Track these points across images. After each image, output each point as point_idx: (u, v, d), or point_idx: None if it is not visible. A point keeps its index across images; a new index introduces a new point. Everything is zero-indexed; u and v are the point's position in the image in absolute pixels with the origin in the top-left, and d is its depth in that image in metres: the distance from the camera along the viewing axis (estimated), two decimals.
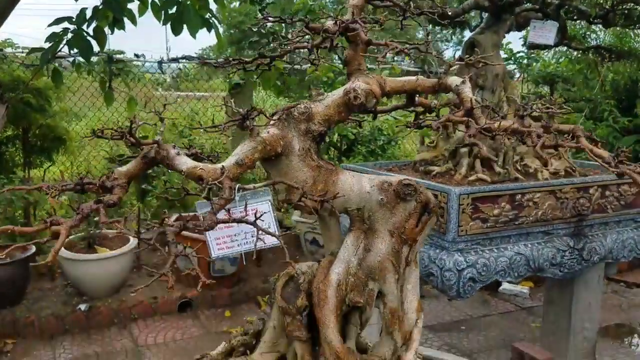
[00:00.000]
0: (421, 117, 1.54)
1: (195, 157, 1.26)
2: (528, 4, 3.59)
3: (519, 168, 3.21)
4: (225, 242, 1.41)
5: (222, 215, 1.11)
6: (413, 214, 1.34)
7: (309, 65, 1.57)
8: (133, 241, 4.40)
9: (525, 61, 6.59)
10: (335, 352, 1.27)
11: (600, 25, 4.63)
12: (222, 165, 1.12)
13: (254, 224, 1.04)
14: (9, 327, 3.77)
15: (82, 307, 4.09)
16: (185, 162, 1.16)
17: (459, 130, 3.34)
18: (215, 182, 1.10)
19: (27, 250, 4.06)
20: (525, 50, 6.32)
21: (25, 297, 4.10)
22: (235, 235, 1.32)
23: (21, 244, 1.39)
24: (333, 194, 1.34)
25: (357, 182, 1.36)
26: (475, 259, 2.85)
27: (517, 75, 6.74)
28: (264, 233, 1.08)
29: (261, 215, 1.10)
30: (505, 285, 4.92)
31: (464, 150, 3.28)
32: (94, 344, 3.82)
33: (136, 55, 5.60)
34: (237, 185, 1.09)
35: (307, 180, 1.31)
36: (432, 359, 1.70)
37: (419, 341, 1.39)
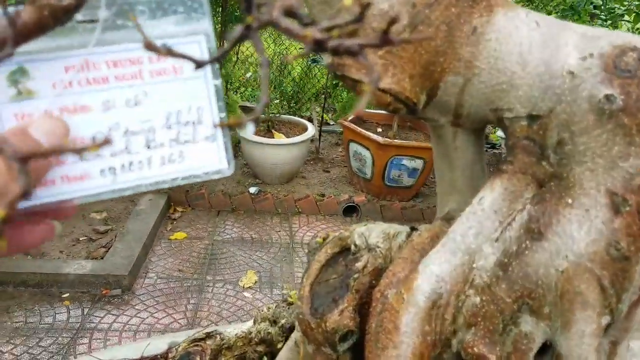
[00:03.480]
0: None
1: None
2: None
3: None
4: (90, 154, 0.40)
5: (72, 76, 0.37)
6: None
7: None
8: (311, 130, 3.90)
9: None
10: None
11: None
12: None
13: None
14: (182, 197, 3.67)
15: (252, 190, 3.81)
16: None
17: None
18: None
19: None
20: None
21: None
22: (116, 131, 0.37)
23: None
24: (468, 65, 0.47)
25: (540, 44, 0.46)
26: None
27: None
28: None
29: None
30: None
31: None
32: (253, 230, 3.53)
33: None
34: None
35: (393, 11, 0.46)
36: None
37: None
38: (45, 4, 0.31)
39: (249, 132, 3.65)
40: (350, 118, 3.79)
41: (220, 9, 3.92)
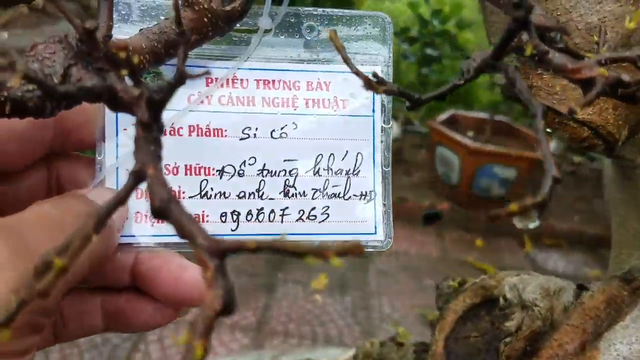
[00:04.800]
0: None
1: None
2: None
3: None
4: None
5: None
6: None
7: None
8: (395, 129, 3.80)
9: None
10: None
11: None
12: None
13: None
14: None
15: None
16: None
17: None
18: None
19: None
20: None
21: None
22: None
23: None
24: None
25: None
26: None
27: None
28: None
29: None
30: None
31: None
32: None
33: None
34: None
35: (604, 26, 0.37)
36: None
37: None
38: (206, 9, 0.26)
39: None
40: (440, 120, 3.65)
41: None
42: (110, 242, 0.27)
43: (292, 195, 0.32)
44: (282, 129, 0.32)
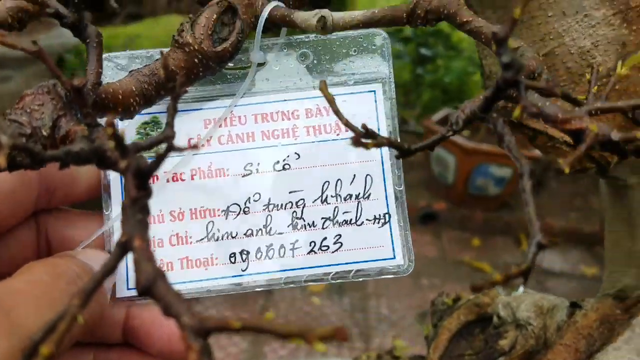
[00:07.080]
0: None
1: None
2: None
3: None
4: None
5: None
6: None
7: None
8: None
9: None
10: None
11: None
12: None
13: None
14: None
15: None
16: None
17: None
18: None
19: None
20: None
21: None
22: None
23: None
24: None
25: None
26: None
27: None
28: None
29: None
30: None
31: None
32: None
33: None
34: None
35: (597, 50, 0.38)
36: None
37: None
38: (196, 50, 0.26)
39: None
40: (435, 119, 3.66)
41: None
42: (102, 302, 0.27)
43: (301, 227, 0.32)
44: (284, 160, 0.32)
